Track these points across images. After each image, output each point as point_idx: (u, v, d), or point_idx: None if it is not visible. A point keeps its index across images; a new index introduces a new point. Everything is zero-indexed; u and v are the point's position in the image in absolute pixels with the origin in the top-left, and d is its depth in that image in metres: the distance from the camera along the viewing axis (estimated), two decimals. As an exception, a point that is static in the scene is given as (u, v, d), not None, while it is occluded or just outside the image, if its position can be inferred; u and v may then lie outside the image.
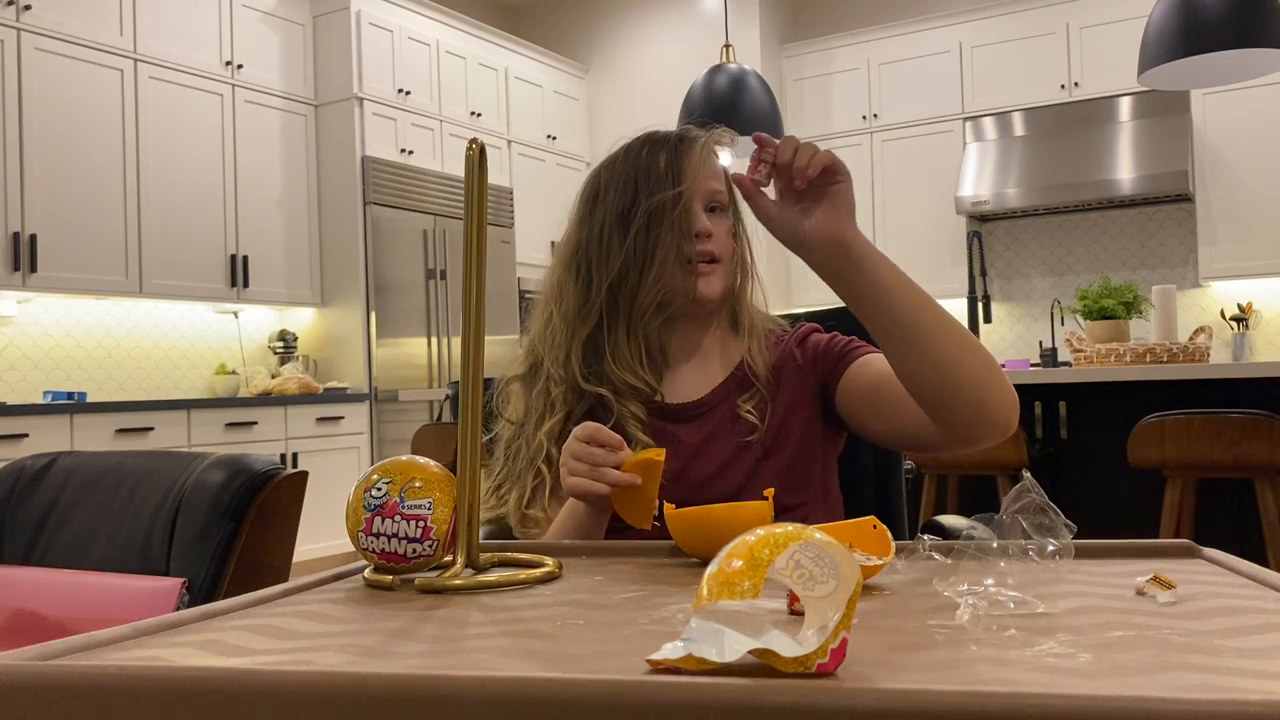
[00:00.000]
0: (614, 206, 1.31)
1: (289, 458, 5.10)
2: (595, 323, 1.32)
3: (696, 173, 1.30)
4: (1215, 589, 0.71)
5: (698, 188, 1.30)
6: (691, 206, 1.29)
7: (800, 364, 1.34)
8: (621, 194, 1.31)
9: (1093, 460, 3.32)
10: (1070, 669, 0.52)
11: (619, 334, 1.31)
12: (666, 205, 1.28)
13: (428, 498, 0.85)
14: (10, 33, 4.43)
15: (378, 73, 5.78)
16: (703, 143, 1.33)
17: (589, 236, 1.33)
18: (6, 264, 4.39)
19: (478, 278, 0.83)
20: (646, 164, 1.31)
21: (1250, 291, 5.88)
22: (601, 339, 1.32)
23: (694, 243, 1.29)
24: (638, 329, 1.31)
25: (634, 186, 1.30)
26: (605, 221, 1.32)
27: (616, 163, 1.34)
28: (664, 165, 1.30)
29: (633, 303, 1.30)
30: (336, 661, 0.59)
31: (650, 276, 1.29)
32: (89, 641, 0.63)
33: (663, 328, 1.33)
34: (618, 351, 1.31)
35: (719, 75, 4.25)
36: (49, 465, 1.63)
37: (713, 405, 1.32)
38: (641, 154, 1.32)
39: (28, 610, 1.44)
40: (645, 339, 1.32)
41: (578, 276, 1.34)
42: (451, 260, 6.07)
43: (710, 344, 1.37)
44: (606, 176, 1.34)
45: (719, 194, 1.33)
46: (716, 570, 0.54)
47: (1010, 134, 6.28)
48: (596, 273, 1.32)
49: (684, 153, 1.31)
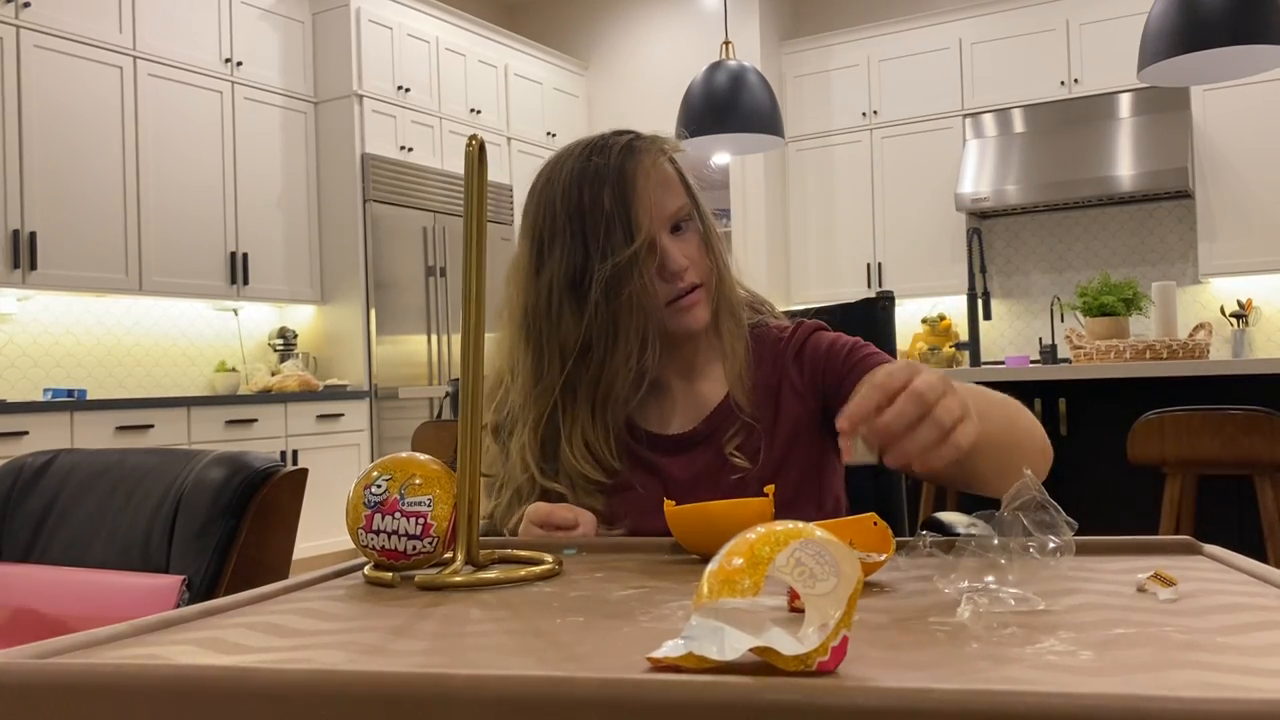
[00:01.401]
0: (561, 269, 1.13)
1: (289, 455, 5.10)
2: (552, 404, 1.16)
3: (652, 203, 1.13)
4: (1216, 586, 0.71)
5: (657, 217, 1.14)
6: (659, 248, 1.13)
7: (798, 386, 1.22)
8: (568, 253, 1.12)
9: (1092, 457, 3.32)
10: (1071, 667, 0.52)
11: (581, 418, 1.15)
12: (623, 268, 1.11)
13: (428, 495, 0.85)
14: (10, 30, 4.42)
15: (377, 70, 5.77)
16: (649, 163, 1.15)
17: (538, 303, 1.15)
18: (6, 261, 4.39)
19: (478, 275, 0.83)
20: (589, 210, 1.12)
21: (1250, 288, 5.88)
22: (558, 419, 1.16)
23: (671, 283, 1.15)
24: (601, 414, 1.15)
25: (581, 244, 1.12)
26: (554, 286, 1.13)
27: (555, 203, 1.14)
28: (611, 210, 1.11)
29: (597, 385, 1.14)
30: (336, 659, 0.59)
31: (617, 355, 1.13)
32: (89, 639, 0.63)
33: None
34: (574, 439, 1.15)
35: (718, 72, 4.24)
36: (49, 463, 1.63)
37: (705, 436, 1.20)
38: (581, 197, 1.12)
39: (27, 608, 1.44)
40: (613, 420, 1.16)
41: (528, 345, 1.16)
42: (451, 257, 6.07)
43: (703, 362, 1.24)
44: (546, 223, 1.15)
45: (681, 209, 1.17)
46: (717, 568, 0.54)
47: (1010, 130, 6.28)
48: (549, 346, 1.14)
49: (629, 185, 1.12)
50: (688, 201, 1.18)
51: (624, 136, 1.18)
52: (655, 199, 1.14)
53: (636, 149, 1.16)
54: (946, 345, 5.51)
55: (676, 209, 1.17)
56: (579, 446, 1.15)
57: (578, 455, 1.15)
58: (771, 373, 1.23)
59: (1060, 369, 3.32)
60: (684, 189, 1.19)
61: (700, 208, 1.20)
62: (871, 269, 6.67)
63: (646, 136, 1.19)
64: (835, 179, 6.81)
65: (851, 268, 6.74)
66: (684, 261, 1.15)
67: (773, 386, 1.22)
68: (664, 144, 1.19)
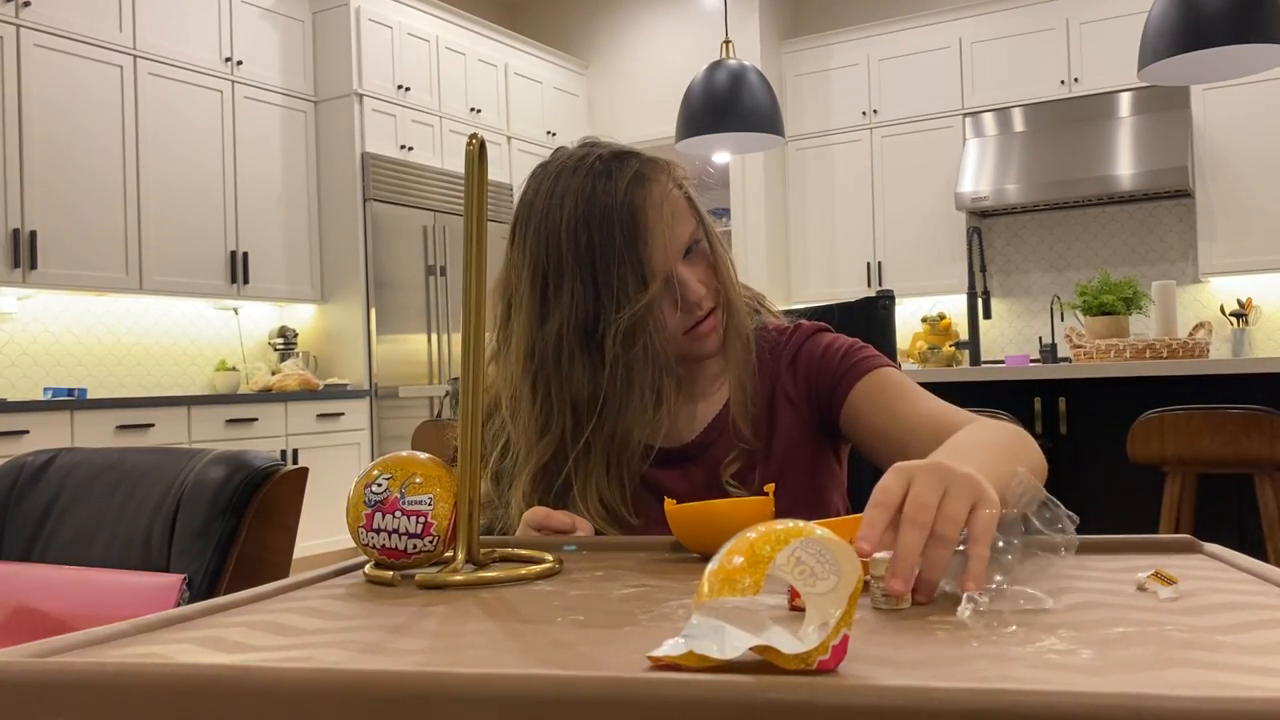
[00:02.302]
0: (572, 316, 1.06)
1: (289, 454, 5.10)
2: (558, 455, 1.10)
3: (666, 239, 1.07)
4: (1216, 584, 0.71)
5: (671, 249, 1.08)
6: (676, 280, 1.09)
7: (792, 394, 1.18)
8: (578, 299, 1.06)
9: (1092, 456, 3.32)
10: (1071, 665, 0.52)
11: (595, 473, 1.09)
12: (640, 317, 1.06)
13: (428, 493, 0.85)
14: (10, 29, 4.42)
15: (377, 69, 5.77)
16: (659, 195, 1.09)
17: (546, 351, 1.08)
18: (6, 261, 4.39)
19: (478, 274, 0.83)
20: (600, 252, 1.05)
21: (1250, 287, 5.88)
22: (566, 471, 1.10)
23: (690, 312, 1.11)
24: (618, 468, 1.10)
25: (593, 290, 1.05)
26: (564, 335, 1.07)
27: (560, 240, 1.07)
28: (622, 253, 1.04)
29: (612, 439, 1.09)
30: (337, 658, 0.59)
31: (632, 407, 1.07)
32: (89, 638, 0.63)
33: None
34: (588, 495, 1.09)
35: (718, 71, 4.24)
36: (49, 462, 1.63)
37: (703, 448, 1.17)
38: (591, 238, 1.05)
39: (28, 607, 1.44)
40: (629, 474, 1.10)
41: (534, 392, 1.10)
42: (451, 256, 6.07)
43: (706, 377, 1.21)
44: (552, 261, 1.07)
45: (693, 233, 1.12)
46: (717, 567, 0.54)
47: (1010, 130, 6.27)
48: (558, 398, 1.08)
49: (640, 222, 1.06)
50: (698, 225, 1.13)
51: (630, 163, 1.10)
52: (669, 231, 1.08)
53: (645, 179, 1.09)
54: (946, 344, 5.51)
55: (689, 236, 1.12)
56: (594, 502, 1.09)
57: (592, 511, 1.08)
58: (765, 381, 1.19)
59: (1060, 368, 3.32)
60: (694, 213, 1.13)
61: (708, 227, 1.15)
62: (871, 268, 6.67)
63: (652, 162, 1.12)
64: (835, 178, 6.81)
65: (851, 267, 6.74)
66: (702, 290, 1.11)
67: (765, 395, 1.19)
68: (673, 171, 1.13)
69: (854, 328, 1.34)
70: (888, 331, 1.53)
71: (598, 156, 1.11)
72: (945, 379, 3.41)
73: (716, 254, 1.15)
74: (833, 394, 1.16)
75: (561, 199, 1.09)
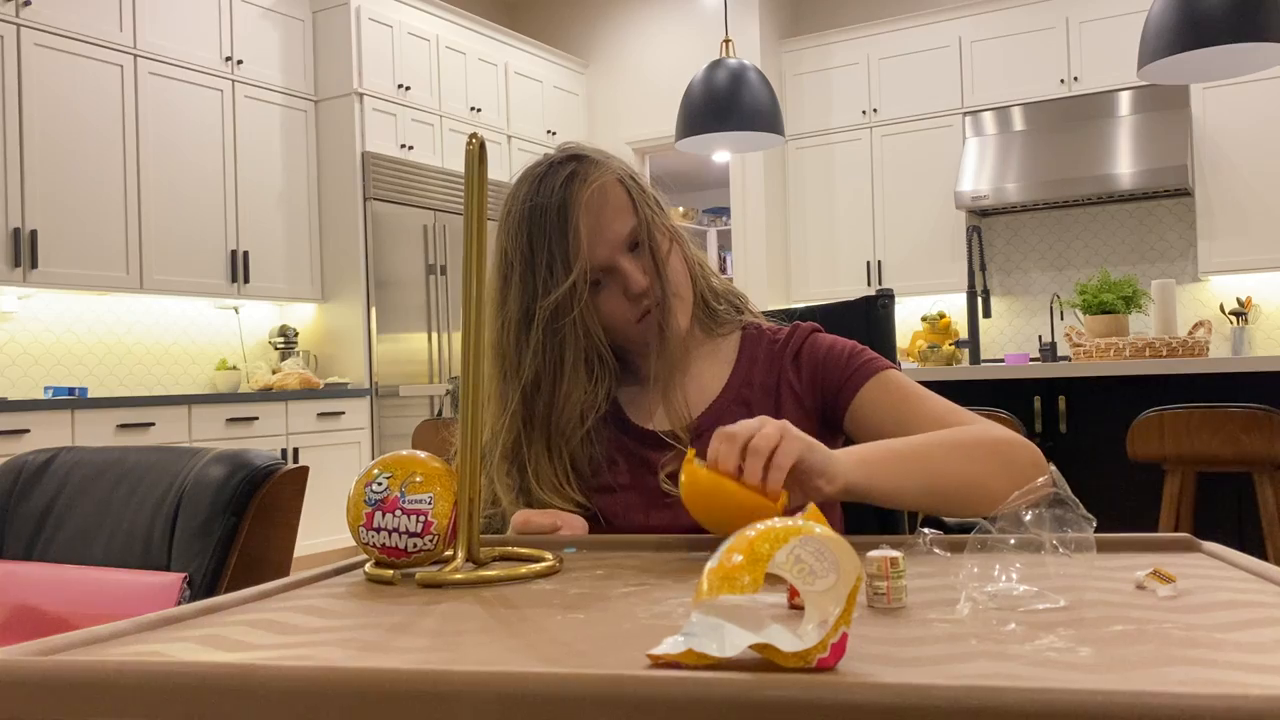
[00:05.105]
0: (515, 306, 1.16)
1: (290, 453, 5.10)
2: (515, 435, 1.18)
3: (593, 233, 1.14)
4: (1215, 583, 0.71)
5: (610, 242, 1.15)
6: (620, 271, 1.15)
7: (797, 388, 1.22)
8: (518, 292, 1.16)
9: (1092, 454, 3.32)
10: (1070, 663, 0.52)
11: (537, 453, 1.17)
12: (562, 301, 1.14)
13: (428, 492, 0.85)
14: (10, 28, 4.42)
15: (378, 68, 5.77)
16: (590, 192, 1.15)
17: (499, 339, 1.18)
18: (7, 260, 4.39)
19: (478, 273, 0.83)
20: (534, 249, 1.14)
21: (1249, 286, 5.88)
22: (523, 453, 1.18)
23: (637, 302, 1.17)
24: (558, 446, 1.17)
25: (531, 282, 1.15)
26: (508, 323, 1.17)
27: (509, 241, 1.17)
28: (550, 246, 1.13)
29: (549, 418, 1.16)
30: (337, 656, 0.59)
31: (562, 387, 1.15)
32: (90, 637, 0.63)
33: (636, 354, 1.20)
34: (540, 472, 1.16)
35: (718, 70, 4.24)
36: (50, 461, 1.63)
37: (700, 433, 1.17)
38: (529, 236, 1.15)
39: (29, 605, 1.44)
40: (570, 457, 1.17)
41: (496, 376, 1.19)
42: (451, 255, 6.07)
43: (694, 359, 1.25)
44: (504, 260, 1.18)
45: (633, 230, 1.17)
46: (717, 565, 0.54)
47: (1010, 129, 6.27)
48: (509, 381, 1.18)
49: (566, 219, 1.13)
50: (639, 221, 1.17)
51: (567, 166, 1.17)
52: (604, 225, 1.15)
53: (577, 177, 1.15)
54: (946, 343, 5.51)
55: (630, 230, 1.17)
56: (546, 479, 1.16)
57: (545, 488, 1.16)
58: (769, 374, 1.23)
59: (1060, 366, 3.32)
60: (634, 209, 1.17)
61: (652, 223, 1.19)
62: (871, 267, 6.67)
63: (591, 161, 1.18)
64: (835, 177, 6.81)
65: (851, 265, 6.74)
66: (644, 282, 1.16)
67: (771, 387, 1.22)
68: (610, 166, 1.18)
69: (854, 326, 1.34)
70: (887, 330, 1.53)
71: (549, 161, 1.19)
72: (945, 378, 3.41)
73: (656, 251, 1.18)
74: (839, 394, 1.19)
75: (514, 200, 1.19)
